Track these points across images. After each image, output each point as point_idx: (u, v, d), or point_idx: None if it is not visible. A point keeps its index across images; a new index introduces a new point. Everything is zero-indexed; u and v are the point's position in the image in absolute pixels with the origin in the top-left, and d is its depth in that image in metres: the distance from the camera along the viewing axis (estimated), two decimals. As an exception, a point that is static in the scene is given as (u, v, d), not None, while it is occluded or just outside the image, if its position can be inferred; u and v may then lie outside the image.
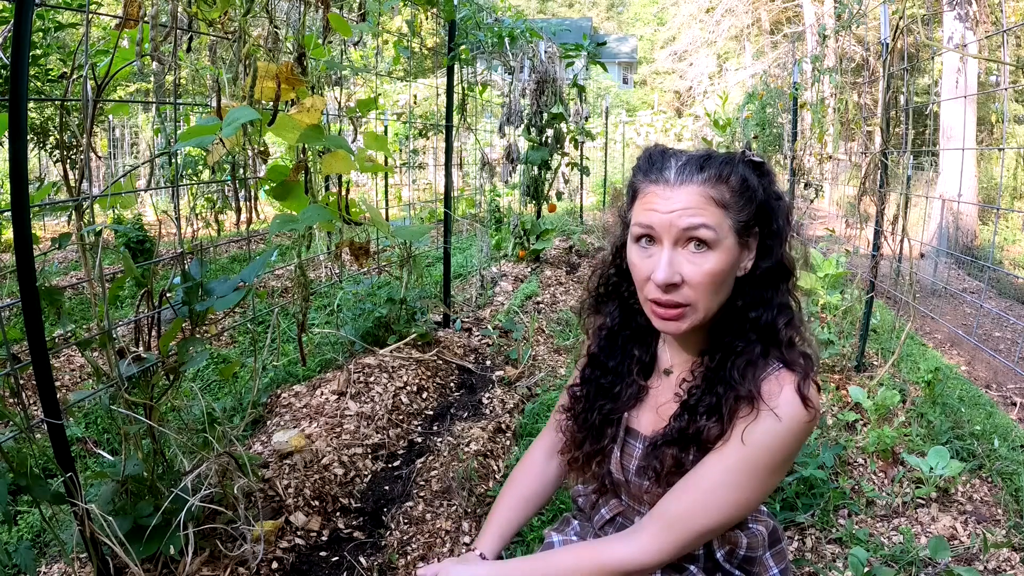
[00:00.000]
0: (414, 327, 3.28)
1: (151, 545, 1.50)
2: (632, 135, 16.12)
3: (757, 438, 0.86)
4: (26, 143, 1.29)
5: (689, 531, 0.88)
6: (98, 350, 1.54)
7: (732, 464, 0.87)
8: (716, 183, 0.88)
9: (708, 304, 0.89)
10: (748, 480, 0.86)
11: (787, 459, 0.88)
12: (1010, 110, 12.42)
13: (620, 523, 1.05)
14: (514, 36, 4.50)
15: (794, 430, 0.86)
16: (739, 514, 0.89)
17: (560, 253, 6.32)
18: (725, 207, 0.88)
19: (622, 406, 1.03)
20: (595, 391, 1.06)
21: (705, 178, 0.88)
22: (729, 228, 0.88)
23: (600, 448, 1.03)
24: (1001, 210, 8.02)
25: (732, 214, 0.88)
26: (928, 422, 2.73)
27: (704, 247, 0.86)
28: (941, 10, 7.88)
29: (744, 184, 0.90)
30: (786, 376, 0.89)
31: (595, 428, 1.04)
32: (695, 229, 0.86)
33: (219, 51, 1.94)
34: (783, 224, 0.94)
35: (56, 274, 5.01)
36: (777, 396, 0.87)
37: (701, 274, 0.87)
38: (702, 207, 0.86)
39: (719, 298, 0.90)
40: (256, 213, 2.82)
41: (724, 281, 0.90)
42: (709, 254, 0.87)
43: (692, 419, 0.91)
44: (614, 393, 1.05)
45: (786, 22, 21.67)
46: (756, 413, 0.87)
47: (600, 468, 1.04)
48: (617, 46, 27.11)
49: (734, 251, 0.89)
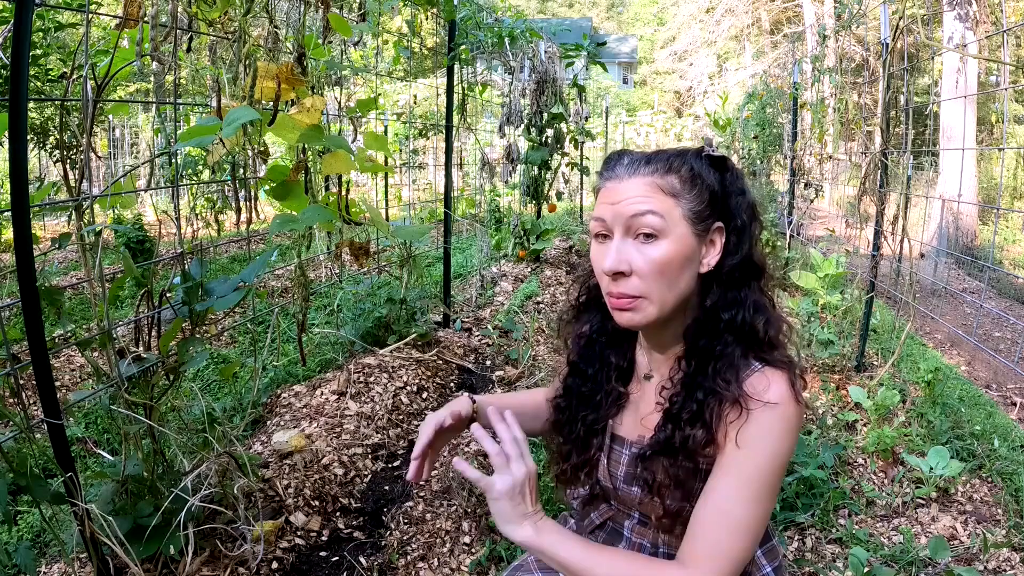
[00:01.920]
0: (414, 327, 3.28)
1: (151, 545, 1.50)
2: (632, 135, 16.12)
3: (756, 443, 0.85)
4: (26, 143, 1.29)
5: (733, 561, 0.84)
6: (98, 350, 1.54)
7: (743, 479, 0.85)
8: (664, 173, 0.89)
9: (662, 296, 0.88)
10: (762, 489, 0.85)
11: (788, 455, 0.87)
12: (1010, 110, 12.42)
13: (611, 527, 1.05)
14: (514, 36, 4.50)
15: (788, 426, 0.86)
16: (760, 528, 0.86)
17: (560, 253, 6.33)
18: (675, 195, 0.88)
19: (604, 414, 1.02)
20: (577, 401, 1.05)
21: (652, 169, 0.90)
22: (680, 216, 0.88)
23: (587, 459, 1.02)
24: (1001, 210, 8.01)
25: (683, 203, 0.89)
26: (928, 422, 2.73)
27: (653, 237, 0.87)
28: (941, 10, 7.88)
29: (693, 173, 0.90)
30: (771, 373, 0.87)
31: (580, 440, 1.03)
32: (642, 215, 0.87)
33: (219, 51, 1.94)
34: (747, 220, 0.93)
35: (56, 274, 5.01)
36: (765, 394, 0.85)
37: (650, 262, 0.87)
38: (649, 195, 0.88)
39: (675, 292, 0.89)
40: (256, 213, 2.82)
41: (678, 272, 0.88)
42: (659, 243, 0.87)
43: (676, 428, 0.90)
44: (595, 402, 1.03)
45: (786, 22, 21.67)
46: (746, 415, 0.85)
47: (589, 478, 1.03)
48: (617, 46, 27.11)
49: (687, 241, 0.89)
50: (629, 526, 1.02)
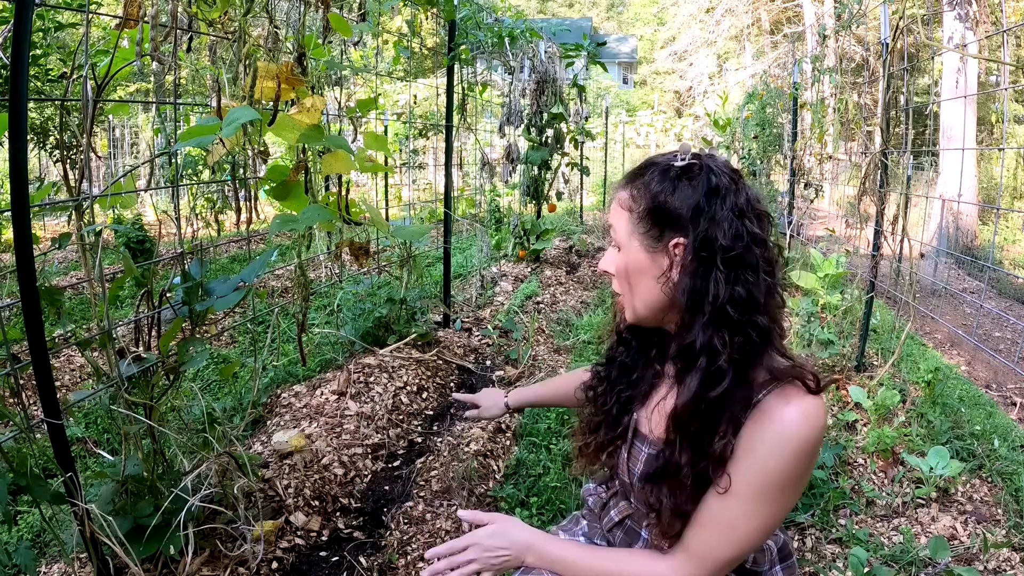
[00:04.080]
0: (414, 327, 3.28)
1: (151, 545, 1.50)
2: (632, 135, 16.13)
3: (763, 462, 0.84)
4: (26, 143, 1.29)
5: (718, 563, 0.89)
6: (98, 350, 1.54)
7: (746, 494, 0.85)
8: (627, 188, 0.96)
9: (630, 299, 0.97)
10: (765, 506, 0.86)
11: (800, 475, 0.86)
12: (1010, 110, 12.42)
13: (629, 527, 1.05)
14: (514, 36, 4.50)
15: (797, 449, 0.84)
16: (763, 538, 0.88)
17: (560, 253, 6.32)
18: (629, 210, 0.94)
19: (637, 394, 1.04)
20: (618, 372, 1.08)
21: (625, 182, 0.97)
22: (630, 231, 0.94)
23: (612, 438, 1.04)
24: (1001, 210, 8.02)
25: (633, 217, 0.94)
26: (928, 422, 2.73)
27: (618, 247, 0.97)
28: (941, 10, 7.88)
29: (644, 188, 0.93)
30: (791, 391, 0.86)
31: (612, 416, 1.05)
32: (610, 228, 0.98)
33: (219, 51, 1.94)
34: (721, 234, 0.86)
35: (56, 274, 5.01)
36: (778, 413, 0.84)
37: (614, 268, 0.98)
38: (616, 208, 0.97)
39: (640, 298, 0.95)
40: (256, 213, 2.82)
41: (635, 281, 0.95)
42: (620, 253, 0.97)
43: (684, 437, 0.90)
44: (633, 379, 1.05)
45: (786, 22, 21.67)
46: (756, 431, 0.85)
47: (610, 460, 1.05)
48: (617, 46, 27.11)
49: (638, 255, 0.93)
50: (647, 526, 1.02)
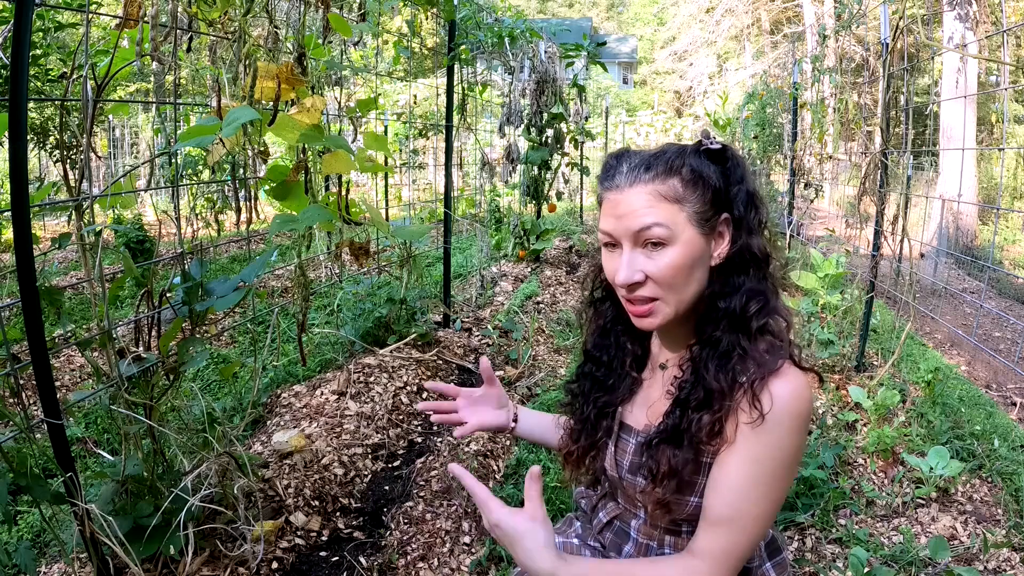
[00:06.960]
0: (414, 327, 3.28)
1: (151, 545, 1.50)
2: (632, 135, 16.12)
3: (767, 439, 0.85)
4: (26, 143, 1.29)
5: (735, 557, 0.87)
6: (98, 350, 1.54)
7: (754, 476, 0.85)
8: (665, 178, 0.88)
9: (677, 297, 0.90)
10: (772, 486, 0.86)
11: (799, 452, 0.87)
12: (1010, 110, 12.42)
13: (618, 527, 1.05)
14: (514, 36, 4.50)
15: (798, 424, 0.85)
16: (769, 523, 0.87)
17: (560, 253, 6.32)
18: (678, 201, 0.88)
19: (617, 398, 1.03)
20: (591, 385, 1.07)
21: (652, 176, 0.89)
22: (686, 221, 0.88)
23: (595, 442, 1.03)
24: (1001, 210, 8.02)
25: (687, 206, 0.89)
26: (928, 422, 2.73)
27: (661, 244, 0.88)
28: (941, 10, 7.88)
29: (695, 174, 0.89)
30: (789, 370, 0.87)
31: (590, 421, 1.04)
32: (648, 229, 0.87)
33: (219, 51, 1.94)
34: (744, 210, 0.92)
35: (56, 274, 5.01)
36: (779, 390, 0.85)
37: (661, 269, 0.88)
38: (652, 206, 0.88)
39: (689, 291, 0.90)
40: (256, 213, 2.82)
41: (690, 274, 0.89)
42: (667, 250, 0.88)
43: (684, 414, 0.90)
44: (608, 385, 1.05)
45: (786, 22, 21.67)
46: (758, 410, 0.85)
47: (595, 463, 1.04)
48: (617, 46, 27.11)
49: (696, 242, 0.89)
50: (636, 526, 1.02)
